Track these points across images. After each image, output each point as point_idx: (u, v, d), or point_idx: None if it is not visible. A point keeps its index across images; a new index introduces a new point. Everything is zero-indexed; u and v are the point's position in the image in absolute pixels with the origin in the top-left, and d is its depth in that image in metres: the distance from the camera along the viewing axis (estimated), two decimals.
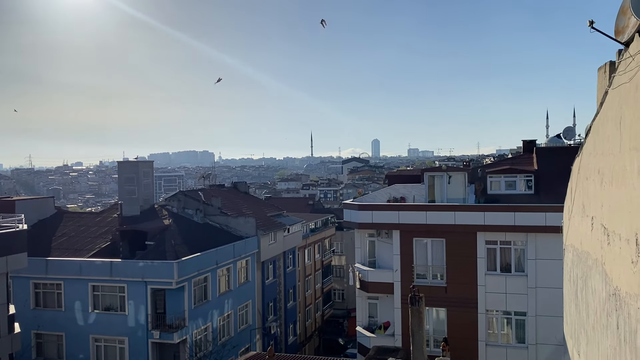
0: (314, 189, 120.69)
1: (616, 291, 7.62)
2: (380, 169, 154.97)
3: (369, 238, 28.85)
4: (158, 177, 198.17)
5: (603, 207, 8.44)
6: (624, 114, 7.21)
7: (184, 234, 34.39)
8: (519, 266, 25.84)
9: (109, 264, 30.79)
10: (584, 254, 10.19)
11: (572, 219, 11.49)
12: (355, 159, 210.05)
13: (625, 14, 6.73)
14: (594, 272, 9.17)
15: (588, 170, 9.69)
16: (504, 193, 27.29)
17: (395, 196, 29.02)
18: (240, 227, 38.15)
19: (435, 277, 27.08)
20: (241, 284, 37.12)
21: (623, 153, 7.18)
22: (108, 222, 36.98)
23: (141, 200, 37.59)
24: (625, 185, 7.04)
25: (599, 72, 9.74)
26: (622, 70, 7.23)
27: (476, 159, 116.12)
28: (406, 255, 27.15)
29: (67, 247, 34.19)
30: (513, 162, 30.48)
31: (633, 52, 6.71)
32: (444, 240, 26.65)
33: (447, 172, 28.29)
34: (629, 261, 6.90)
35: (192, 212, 37.92)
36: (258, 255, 39.03)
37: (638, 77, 6.51)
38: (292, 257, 47.14)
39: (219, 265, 33.81)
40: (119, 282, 30.59)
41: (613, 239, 7.78)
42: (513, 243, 25.81)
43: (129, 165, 39.93)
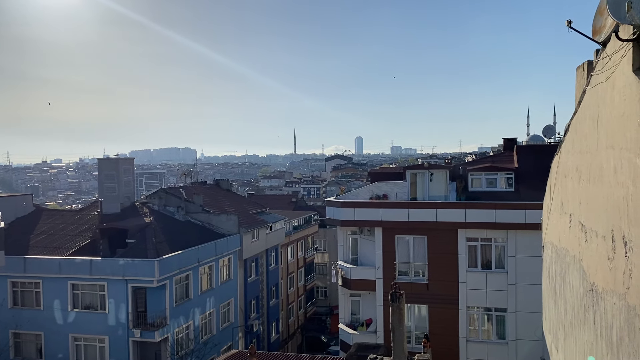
0: (297, 186, 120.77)
1: (593, 287, 7.74)
2: (363, 167, 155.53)
3: (352, 235, 28.92)
4: (139, 174, 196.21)
5: (581, 204, 8.56)
6: (601, 112, 7.31)
7: (165, 232, 34.09)
8: (499, 263, 26.12)
9: (88, 262, 30.39)
10: (562, 250, 10.33)
11: (551, 216, 11.64)
12: (338, 156, 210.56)
13: (602, 14, 6.82)
14: (572, 268, 9.30)
15: (566, 168, 9.81)
16: (485, 190, 27.57)
17: (377, 194, 29.13)
18: (223, 225, 37.95)
19: (417, 274, 27.25)
20: (223, 282, 36.94)
21: (600, 151, 7.29)
22: (88, 219, 36.50)
23: (122, 198, 37.17)
24: (602, 183, 7.14)
25: (578, 72, 9.88)
26: (600, 69, 7.33)
27: (458, 156, 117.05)
28: (388, 252, 27.27)
29: (46, 245, 33.67)
30: (494, 160, 30.80)
31: (610, 51, 6.80)
32: (426, 238, 26.83)
33: (429, 170, 28.48)
34: (606, 257, 7.01)
35: (173, 209, 37.62)
36: (240, 253, 38.86)
37: (615, 76, 6.60)
38: (274, 255, 47.05)
39: (201, 263, 33.59)
40: (99, 281, 30.22)
41: (590, 235, 7.89)
42: (493, 240, 26.08)
43: (109, 162, 39.44)
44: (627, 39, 6.09)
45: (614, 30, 6.47)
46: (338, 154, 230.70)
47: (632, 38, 5.99)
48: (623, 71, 6.25)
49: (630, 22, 5.63)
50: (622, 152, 6.22)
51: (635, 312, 5.85)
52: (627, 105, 6.09)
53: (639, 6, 5.45)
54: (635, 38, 5.94)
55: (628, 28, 6.08)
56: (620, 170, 6.32)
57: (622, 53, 6.25)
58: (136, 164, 50.22)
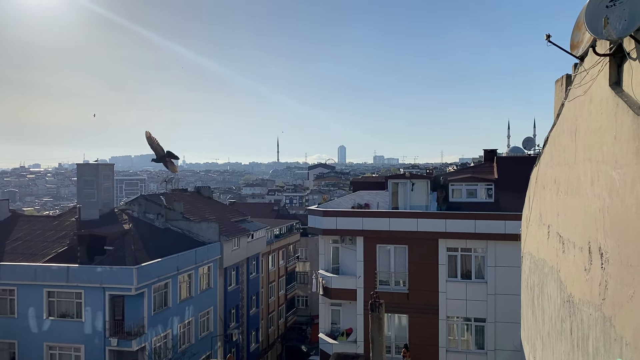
0: (280, 194, 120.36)
1: (570, 298, 7.81)
2: (346, 176, 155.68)
3: (333, 244, 28.89)
4: (119, 180, 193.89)
5: (559, 216, 8.66)
6: (578, 125, 7.42)
7: (144, 239, 33.67)
8: (479, 273, 26.30)
9: (65, 269, 29.85)
10: (540, 261, 10.42)
11: (530, 227, 11.75)
12: (321, 165, 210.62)
13: (580, 29, 6.94)
14: (550, 279, 9.39)
15: (545, 179, 9.93)
16: (465, 201, 27.78)
17: (359, 202, 29.17)
18: (203, 233, 37.63)
19: (397, 284, 27.29)
20: (203, 290, 36.56)
21: (577, 164, 7.39)
22: (66, 226, 35.89)
23: (101, 204, 36.65)
24: (580, 195, 7.24)
25: (557, 85, 10.03)
26: (578, 83, 7.45)
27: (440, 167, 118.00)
28: (369, 261, 27.29)
29: (21, 251, 32.99)
30: (474, 171, 31.07)
31: (587, 66, 6.92)
32: (407, 247, 26.92)
33: (411, 180, 28.63)
34: (582, 269, 7.09)
35: (153, 216, 37.20)
36: (221, 261, 38.54)
37: (592, 90, 6.72)
38: (255, 263, 46.75)
39: (180, 271, 33.22)
40: (76, 288, 29.68)
41: (568, 247, 7.98)
42: (473, 250, 26.26)
43: (88, 168, 38.88)
44: (604, 53, 6.21)
45: (591, 45, 6.60)
46: (321, 163, 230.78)
47: (608, 53, 6.11)
48: (600, 85, 6.36)
49: (607, 37, 5.74)
50: (599, 165, 6.32)
51: (610, 322, 5.92)
52: (603, 119, 6.20)
53: (615, 22, 5.56)
54: (611, 53, 6.06)
55: (605, 43, 6.20)
56: (597, 183, 6.42)
57: (599, 67, 6.37)
58: (116, 169, 49.67)
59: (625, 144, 5.45)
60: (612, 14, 5.61)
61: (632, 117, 5.30)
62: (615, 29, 5.57)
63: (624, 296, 5.53)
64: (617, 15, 5.57)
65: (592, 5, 5.85)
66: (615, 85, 5.98)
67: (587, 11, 5.90)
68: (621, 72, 5.98)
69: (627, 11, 5.49)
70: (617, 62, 6.06)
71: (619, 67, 6.04)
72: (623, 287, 5.54)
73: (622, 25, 5.52)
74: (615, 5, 5.60)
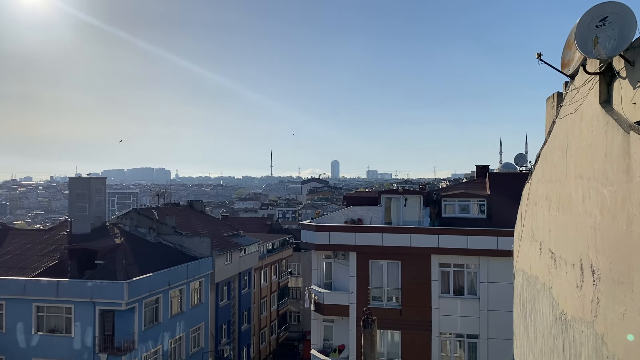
0: (273, 208, 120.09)
1: (562, 315, 7.81)
2: (339, 190, 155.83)
3: (326, 259, 28.78)
4: (111, 194, 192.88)
5: (550, 232, 8.68)
6: (570, 143, 7.48)
7: (135, 254, 33.43)
8: (472, 289, 26.25)
9: (55, 283, 29.54)
10: (532, 278, 10.42)
11: (522, 244, 11.77)
12: (314, 179, 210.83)
13: (570, 48, 7.03)
14: (542, 296, 9.39)
15: (537, 196, 9.97)
16: (457, 216, 27.84)
17: (352, 217, 29.15)
18: (195, 247, 37.41)
19: (390, 300, 27.18)
20: (194, 305, 36.26)
21: (569, 180, 7.43)
22: (57, 239, 35.59)
23: (92, 218, 36.42)
24: (571, 212, 7.27)
25: (548, 102, 10.12)
26: (569, 101, 7.53)
27: (432, 182, 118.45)
28: (362, 277, 27.18)
29: (11, 265, 32.64)
30: (467, 187, 31.19)
31: (578, 84, 7.00)
32: (400, 263, 26.85)
33: (404, 195, 28.67)
34: (574, 285, 7.09)
35: (145, 230, 36.98)
36: (212, 276, 38.29)
37: (583, 108, 6.79)
38: (247, 279, 46.47)
39: (172, 286, 32.96)
40: (66, 303, 29.36)
41: (560, 263, 7.99)
42: (466, 266, 26.24)
43: (80, 181, 38.71)
44: (594, 72, 6.29)
45: (581, 63, 6.68)
46: (314, 177, 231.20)
47: (598, 72, 6.19)
48: (590, 103, 6.43)
49: (597, 56, 5.82)
50: (590, 182, 6.36)
51: (603, 340, 5.91)
52: (594, 137, 6.25)
53: (605, 41, 5.65)
54: (601, 72, 6.13)
55: (595, 62, 6.28)
56: (588, 200, 6.45)
57: (590, 86, 6.44)
58: (109, 183, 49.40)
59: (616, 162, 5.49)
60: (602, 33, 5.70)
61: (622, 135, 5.35)
62: (605, 49, 5.65)
63: (615, 313, 5.53)
64: (606, 34, 5.65)
65: (582, 24, 5.94)
66: (606, 104, 6.04)
67: (578, 30, 5.98)
68: (611, 90, 6.05)
69: (616, 31, 5.58)
70: (607, 81, 6.13)
71: (609, 86, 6.11)
72: (615, 304, 5.55)
73: (611, 45, 5.60)
74: (605, 25, 5.68)
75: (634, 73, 5.45)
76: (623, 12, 5.58)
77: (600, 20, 5.72)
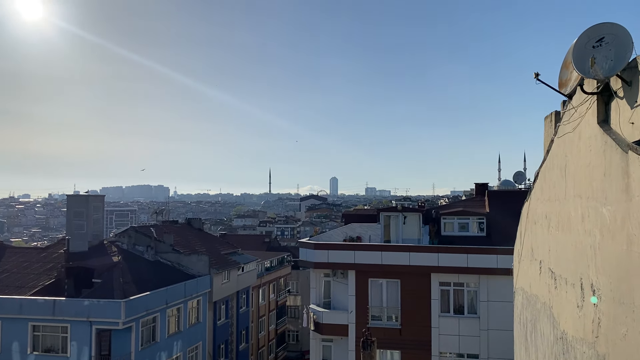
0: (271, 226, 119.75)
1: (563, 335, 7.74)
2: (338, 207, 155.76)
3: (325, 278, 28.62)
4: (110, 211, 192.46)
5: (550, 251, 8.65)
6: (568, 162, 7.49)
7: (133, 272, 33.22)
8: (472, 308, 26.08)
9: (51, 302, 29.28)
10: (533, 297, 10.35)
11: (522, 262, 11.72)
12: (313, 196, 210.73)
13: (568, 68, 7.07)
14: (543, 315, 9.31)
15: (536, 215, 9.95)
16: (457, 234, 27.76)
17: (351, 235, 29.05)
18: (193, 265, 37.21)
19: (390, 319, 26.97)
20: (192, 324, 35.94)
21: (568, 200, 7.43)
22: (54, 257, 35.37)
23: (90, 236, 36.26)
24: (570, 231, 7.25)
25: (546, 121, 10.16)
26: (567, 120, 7.55)
27: (431, 199, 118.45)
28: (361, 296, 27.01)
29: (7, 284, 32.39)
30: (466, 205, 31.16)
31: (576, 103, 7.03)
32: (399, 281, 26.71)
33: (403, 213, 28.62)
34: (575, 305, 7.04)
35: (143, 248, 36.81)
36: (210, 295, 38.02)
37: (581, 127, 6.81)
38: (245, 297, 46.15)
39: (169, 305, 32.70)
40: (62, 322, 29.06)
41: (560, 283, 7.95)
42: (466, 285, 26.10)
43: (78, 199, 38.62)
44: (591, 92, 6.32)
45: (579, 83, 6.72)
46: (313, 194, 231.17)
47: (596, 91, 6.22)
48: (588, 123, 6.45)
49: (594, 76, 5.85)
50: (589, 202, 6.35)
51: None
52: (592, 156, 6.26)
53: (602, 62, 5.68)
54: (599, 92, 6.16)
55: (592, 82, 6.32)
56: (587, 219, 6.44)
57: (587, 105, 6.47)
58: (107, 200, 49.38)
59: (615, 181, 5.49)
60: (598, 54, 5.74)
61: (620, 154, 5.36)
62: (602, 69, 5.69)
63: (617, 334, 5.48)
64: (603, 55, 5.70)
65: (579, 45, 5.98)
66: (604, 123, 6.06)
67: (575, 51, 6.03)
68: (609, 110, 6.07)
69: (613, 51, 5.62)
70: (604, 101, 6.16)
71: (606, 105, 6.13)
72: (616, 324, 5.50)
73: (608, 65, 5.63)
74: (601, 46, 5.73)
75: (631, 93, 5.48)
76: (619, 33, 5.63)
77: (597, 41, 5.77)
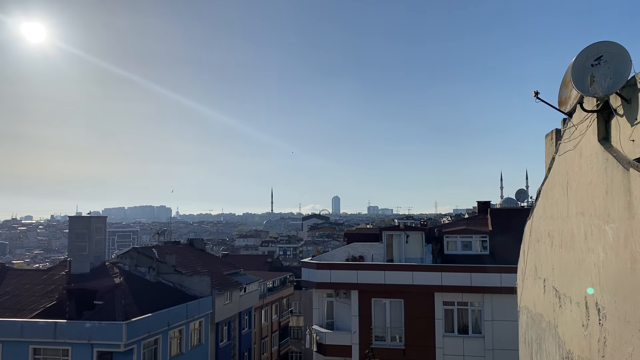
0: (273, 245, 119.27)
1: (569, 355, 7.64)
2: (340, 226, 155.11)
3: (327, 298, 28.42)
4: (112, 232, 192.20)
5: (554, 269, 8.59)
6: (570, 179, 7.49)
7: (135, 293, 33.05)
8: (476, 327, 25.82)
9: (53, 324, 29.08)
10: (537, 316, 10.26)
11: (526, 281, 11.63)
12: (315, 215, 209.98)
13: (567, 86, 7.11)
14: (548, 334, 9.22)
15: (539, 232, 9.92)
16: (460, 253, 27.63)
17: (354, 255, 28.93)
18: (195, 286, 37.01)
19: (393, 339, 26.70)
20: (193, 346, 35.60)
21: (570, 217, 7.40)
22: (55, 279, 35.24)
23: (92, 257, 36.16)
24: (574, 249, 7.21)
25: (546, 139, 10.17)
26: (567, 138, 7.57)
27: (434, 217, 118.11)
28: (365, 316, 26.79)
29: (8, 306, 32.21)
30: (468, 223, 31.06)
31: (576, 121, 7.05)
32: (403, 301, 26.51)
33: (405, 232, 28.53)
34: (580, 324, 6.97)
35: (144, 270, 36.68)
36: (212, 316, 37.74)
37: (581, 145, 6.82)
38: (248, 318, 45.79)
39: (171, 326, 32.45)
40: (63, 345, 28.81)
41: (564, 301, 7.88)
42: (470, 304, 25.89)
43: (80, 220, 38.60)
44: (591, 110, 6.35)
45: (579, 101, 6.75)
46: (315, 213, 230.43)
47: (596, 109, 6.24)
48: (589, 140, 6.46)
49: (594, 94, 5.88)
50: (592, 219, 6.33)
51: None
52: (594, 174, 6.26)
53: (601, 80, 5.71)
54: (599, 109, 6.19)
55: (592, 100, 6.35)
56: (590, 237, 6.41)
57: (588, 123, 6.49)
58: (109, 221, 49.32)
59: (617, 199, 5.48)
60: (597, 72, 5.77)
61: (622, 172, 5.36)
62: (601, 87, 5.71)
63: (623, 353, 5.41)
64: (602, 73, 5.73)
65: (578, 63, 6.03)
66: (604, 141, 6.07)
67: (574, 69, 6.07)
68: (609, 127, 6.09)
69: (611, 69, 5.65)
70: (604, 118, 6.18)
71: (606, 123, 6.15)
72: (622, 344, 5.44)
73: (607, 83, 5.66)
74: (600, 64, 5.77)
75: (631, 110, 5.50)
76: (617, 51, 5.67)
77: (595, 59, 5.81)
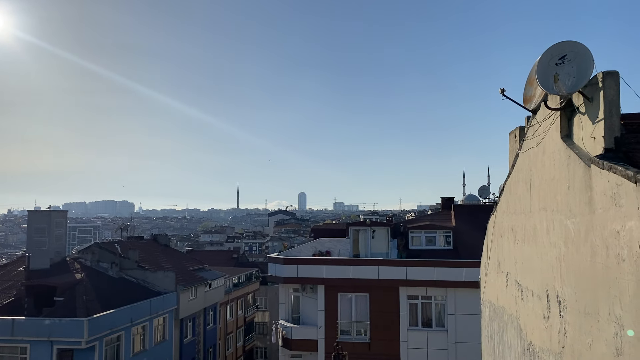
0: (239, 241, 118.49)
1: (530, 346, 7.86)
2: (306, 222, 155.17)
3: (294, 293, 28.44)
4: (72, 227, 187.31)
5: (516, 263, 8.81)
6: (533, 176, 7.68)
7: (97, 289, 32.31)
8: (440, 321, 26.28)
9: (10, 322, 28.16)
10: (500, 309, 10.50)
11: (489, 275, 11.89)
12: (281, 211, 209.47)
13: (532, 84, 7.29)
14: (510, 327, 9.45)
15: (502, 228, 10.14)
16: (424, 248, 28.04)
17: (320, 250, 29.00)
18: (159, 282, 36.44)
19: (359, 333, 26.93)
20: (157, 343, 35.09)
21: (533, 213, 7.60)
22: (13, 275, 34.14)
23: (52, 253, 35.16)
24: (536, 243, 7.40)
25: (510, 136, 10.40)
26: (531, 135, 7.76)
27: (398, 214, 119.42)
28: (331, 310, 26.92)
29: None
30: (433, 219, 31.54)
31: (540, 119, 7.23)
32: (368, 295, 26.75)
33: (371, 227, 28.76)
34: (541, 316, 7.17)
35: (107, 265, 35.90)
36: (177, 312, 37.26)
37: (545, 142, 7.00)
38: (213, 314, 45.40)
39: (134, 322, 31.88)
40: (21, 342, 27.94)
41: (526, 294, 8.09)
42: (434, 298, 26.32)
43: (40, 215, 37.46)
44: (555, 107, 6.51)
45: (543, 99, 6.92)
46: (281, 209, 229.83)
47: (559, 107, 6.41)
48: (552, 137, 6.64)
49: (558, 92, 6.04)
50: (554, 214, 6.51)
51: None
52: (556, 170, 6.43)
53: (565, 78, 5.87)
54: (562, 107, 6.36)
55: (556, 98, 6.51)
56: (552, 232, 6.59)
57: (551, 120, 6.66)
58: (69, 216, 48.01)
59: (578, 194, 5.64)
60: (561, 70, 5.93)
61: (583, 168, 5.52)
62: (565, 85, 5.87)
63: (582, 344, 5.60)
64: (566, 72, 5.89)
65: (543, 62, 6.17)
66: (567, 138, 6.24)
67: (539, 67, 6.21)
68: (571, 125, 6.26)
69: (575, 69, 5.81)
70: (567, 116, 6.35)
71: (569, 121, 6.33)
72: (582, 335, 5.62)
73: (571, 82, 5.82)
74: (564, 63, 5.92)
75: (593, 108, 5.67)
76: (581, 51, 5.83)
77: (559, 58, 5.96)
